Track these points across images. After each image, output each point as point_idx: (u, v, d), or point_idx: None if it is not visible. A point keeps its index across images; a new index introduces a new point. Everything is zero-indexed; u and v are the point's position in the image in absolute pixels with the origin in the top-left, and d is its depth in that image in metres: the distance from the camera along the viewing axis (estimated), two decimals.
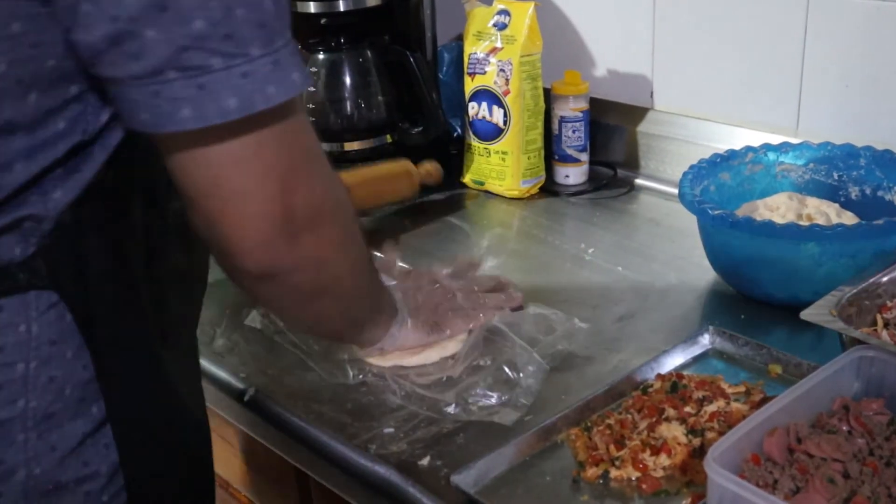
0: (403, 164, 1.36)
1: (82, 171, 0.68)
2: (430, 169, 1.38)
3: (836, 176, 1.19)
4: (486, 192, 1.50)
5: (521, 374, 0.94)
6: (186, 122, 0.61)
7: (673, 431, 0.84)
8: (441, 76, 1.57)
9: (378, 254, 1.08)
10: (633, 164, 1.50)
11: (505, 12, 1.43)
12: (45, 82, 0.63)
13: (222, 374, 1.01)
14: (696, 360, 0.99)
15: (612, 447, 0.83)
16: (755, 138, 1.27)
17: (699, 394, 0.89)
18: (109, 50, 0.59)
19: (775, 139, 1.23)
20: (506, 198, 1.47)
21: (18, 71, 0.62)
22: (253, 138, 0.64)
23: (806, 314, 0.88)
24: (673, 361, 0.97)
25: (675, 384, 0.91)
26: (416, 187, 1.37)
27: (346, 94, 1.47)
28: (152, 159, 0.68)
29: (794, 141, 1.22)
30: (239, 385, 1.00)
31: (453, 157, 1.55)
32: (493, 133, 1.45)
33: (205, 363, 1.01)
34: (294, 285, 0.74)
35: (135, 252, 0.75)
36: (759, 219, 1.05)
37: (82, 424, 0.72)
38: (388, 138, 1.50)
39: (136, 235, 0.75)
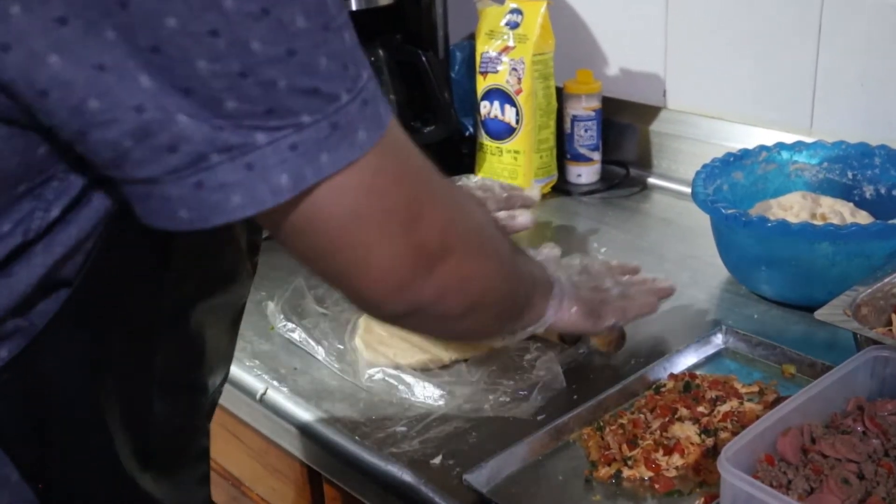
0: None
1: (16, 276, 0.57)
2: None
3: (850, 175, 1.18)
4: None
5: (537, 371, 0.94)
6: (235, 211, 0.53)
7: (686, 431, 0.83)
8: (453, 75, 1.57)
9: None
10: (645, 163, 1.50)
11: (517, 11, 1.43)
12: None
13: (236, 372, 1.02)
14: (709, 359, 0.99)
15: (624, 447, 0.83)
16: (769, 137, 1.27)
17: (712, 394, 0.89)
18: (137, 147, 0.51)
19: (789, 138, 1.23)
20: None
21: None
22: (352, 189, 0.56)
23: (820, 314, 0.88)
24: (686, 361, 0.97)
25: (687, 384, 0.91)
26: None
27: None
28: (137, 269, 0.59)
29: (808, 140, 1.21)
30: (252, 384, 1.00)
31: (465, 156, 1.55)
32: (505, 132, 1.45)
33: None
34: (442, 313, 0.68)
35: (109, 400, 0.64)
36: (772, 218, 1.05)
37: None
38: None
39: (110, 380, 0.63)
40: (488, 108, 1.47)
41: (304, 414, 0.95)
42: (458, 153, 1.56)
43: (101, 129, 0.50)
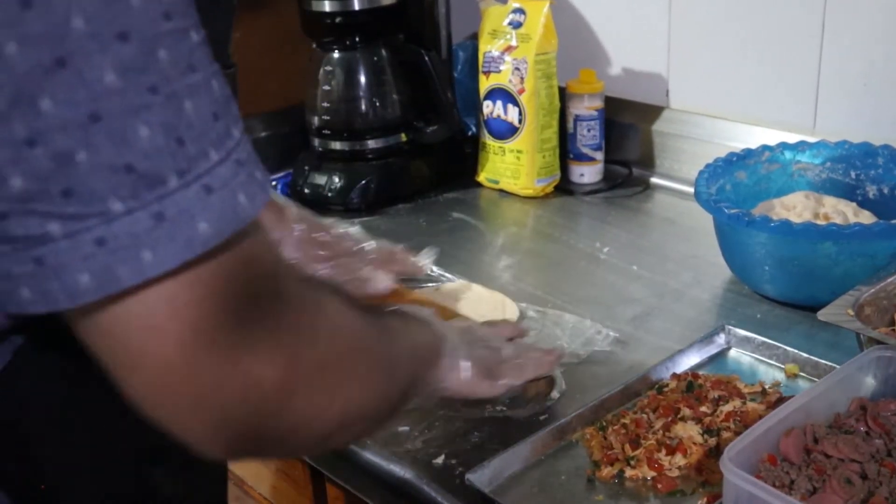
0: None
1: None
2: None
3: (853, 175, 1.18)
4: (501, 190, 1.49)
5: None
6: (26, 304, 0.44)
7: (688, 431, 0.83)
8: (456, 75, 1.57)
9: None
10: (648, 162, 1.50)
11: (520, 10, 1.43)
12: None
13: None
14: (712, 359, 0.98)
15: (627, 446, 0.83)
16: (772, 137, 1.27)
17: (715, 393, 0.89)
18: None
19: (792, 138, 1.22)
20: (520, 196, 1.47)
21: None
22: (171, 302, 0.45)
23: (823, 314, 0.88)
24: (688, 361, 0.97)
25: (690, 384, 0.91)
26: None
27: (361, 93, 1.47)
28: None
29: (811, 139, 1.21)
30: None
31: (468, 155, 1.55)
32: (507, 132, 1.45)
33: None
34: (291, 450, 0.60)
35: (100, 403, 0.56)
36: (775, 218, 1.05)
37: None
38: (403, 137, 1.50)
39: (95, 386, 0.54)
40: (491, 108, 1.47)
41: None
42: (461, 153, 1.56)
43: None
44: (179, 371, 0.46)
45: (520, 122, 1.44)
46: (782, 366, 0.95)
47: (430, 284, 1.17)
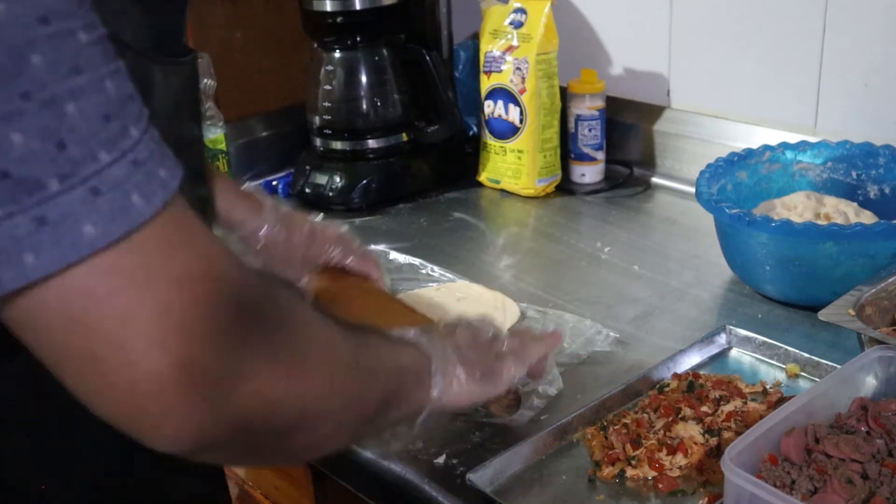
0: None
1: None
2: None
3: (854, 175, 1.18)
4: (502, 190, 1.49)
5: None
6: None
7: (689, 431, 0.83)
8: (457, 74, 1.57)
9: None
10: (649, 162, 1.50)
11: (521, 10, 1.43)
12: None
13: None
14: (713, 359, 0.98)
15: (628, 446, 0.83)
16: (773, 137, 1.27)
17: (716, 393, 0.89)
18: None
19: (793, 138, 1.22)
20: (521, 196, 1.47)
21: None
22: (80, 291, 0.45)
23: (824, 314, 0.88)
24: (689, 361, 0.97)
25: (691, 384, 0.91)
26: None
27: (362, 93, 1.47)
28: None
29: (812, 139, 1.21)
30: None
31: (469, 155, 1.55)
32: (508, 131, 1.45)
33: None
34: (241, 450, 0.56)
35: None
36: (776, 218, 1.05)
37: None
38: (404, 137, 1.50)
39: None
40: (492, 108, 1.47)
41: None
42: (462, 153, 1.56)
43: None
44: (129, 357, 0.46)
45: (521, 121, 1.44)
46: (783, 366, 0.95)
47: (430, 284, 1.17)
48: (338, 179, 1.46)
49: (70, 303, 0.45)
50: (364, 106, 1.47)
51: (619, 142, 1.52)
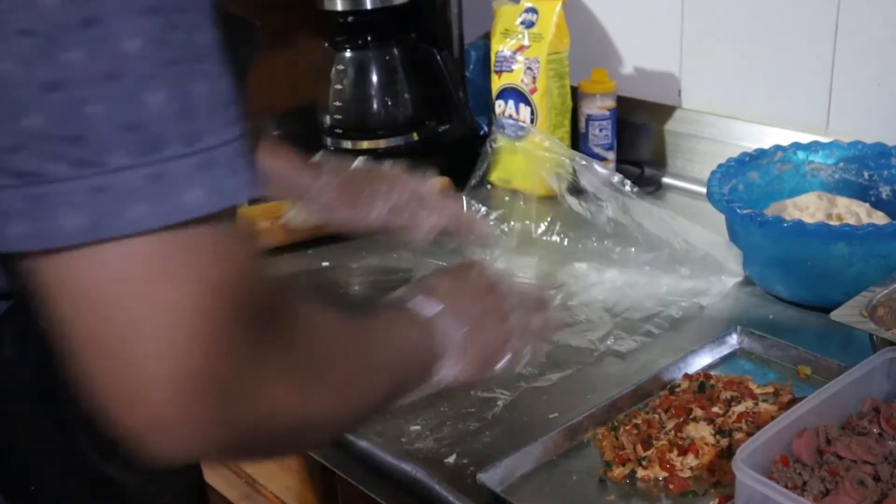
0: None
1: None
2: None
3: (866, 175, 1.18)
4: (513, 190, 1.49)
5: None
6: (12, 242, 0.45)
7: (700, 432, 0.83)
8: (468, 74, 1.57)
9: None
10: (660, 162, 1.50)
11: (532, 10, 1.43)
12: None
13: None
14: (724, 360, 0.98)
15: (638, 447, 0.83)
16: (784, 137, 1.26)
17: (727, 394, 0.89)
18: None
19: (805, 138, 1.22)
20: (532, 196, 1.46)
21: None
22: (147, 262, 0.46)
23: (836, 315, 0.87)
24: (700, 361, 0.97)
25: (702, 384, 0.91)
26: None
27: (373, 93, 1.47)
28: None
29: (824, 140, 1.21)
30: None
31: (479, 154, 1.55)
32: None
33: None
34: (249, 450, 0.56)
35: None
36: (788, 218, 1.04)
37: None
38: (415, 136, 1.50)
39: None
40: (503, 107, 1.47)
41: None
42: (472, 152, 1.56)
43: None
44: (152, 350, 0.47)
45: (532, 121, 1.43)
46: (795, 366, 0.95)
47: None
48: None
49: (126, 272, 0.46)
50: (375, 105, 1.47)
51: (630, 142, 1.52)
